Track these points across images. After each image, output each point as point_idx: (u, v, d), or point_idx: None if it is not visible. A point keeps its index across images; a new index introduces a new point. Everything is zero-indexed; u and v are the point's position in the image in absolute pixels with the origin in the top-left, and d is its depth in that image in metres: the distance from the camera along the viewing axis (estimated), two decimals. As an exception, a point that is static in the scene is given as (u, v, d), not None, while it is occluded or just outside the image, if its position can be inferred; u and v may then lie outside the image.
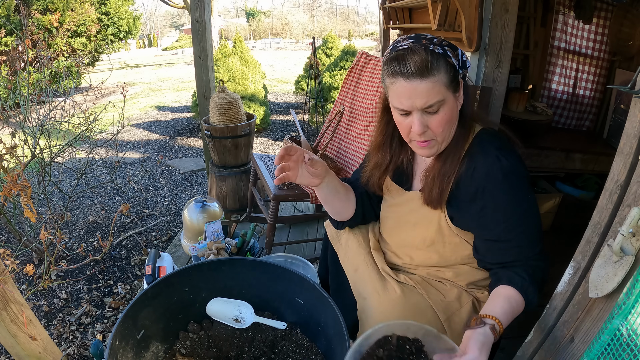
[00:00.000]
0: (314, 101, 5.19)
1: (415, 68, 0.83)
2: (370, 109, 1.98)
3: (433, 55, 0.84)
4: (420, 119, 0.87)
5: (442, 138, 0.91)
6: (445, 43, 0.88)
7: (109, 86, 7.42)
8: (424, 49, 0.84)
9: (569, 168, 1.99)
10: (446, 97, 0.86)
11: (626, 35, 2.03)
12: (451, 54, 0.86)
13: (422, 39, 0.87)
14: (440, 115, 0.87)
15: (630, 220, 0.68)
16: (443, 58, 0.85)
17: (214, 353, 1.04)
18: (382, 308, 1.00)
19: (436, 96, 0.84)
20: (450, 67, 0.86)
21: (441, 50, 0.85)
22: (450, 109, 0.88)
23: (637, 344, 0.62)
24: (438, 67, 0.84)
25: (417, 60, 0.82)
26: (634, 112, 0.76)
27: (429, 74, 0.83)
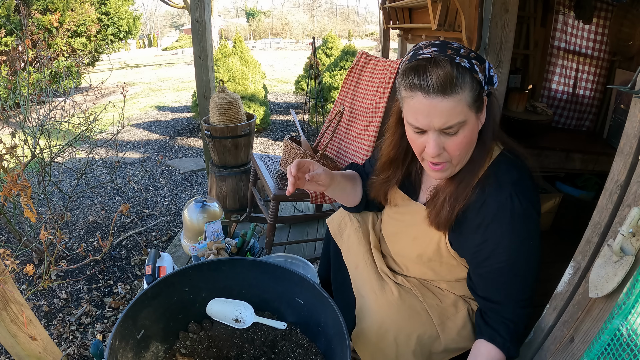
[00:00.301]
0: (314, 101, 5.19)
1: (437, 83, 0.73)
2: (370, 109, 1.98)
3: (459, 70, 0.74)
4: (436, 139, 0.78)
5: (457, 161, 0.83)
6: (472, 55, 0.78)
7: (109, 86, 7.42)
8: (450, 61, 0.74)
9: (569, 168, 1.99)
10: (468, 117, 0.77)
11: (626, 35, 2.03)
12: (478, 69, 0.76)
13: (447, 48, 0.76)
14: (459, 138, 0.78)
15: (630, 220, 0.68)
16: (469, 73, 0.75)
17: (214, 353, 1.04)
18: (379, 309, 1.00)
19: (457, 117, 0.75)
20: (476, 84, 0.76)
21: (468, 64, 0.75)
22: (470, 130, 0.79)
23: (637, 344, 0.62)
24: (463, 83, 0.74)
25: (441, 75, 0.73)
26: (634, 112, 0.76)
27: (452, 92, 0.73)
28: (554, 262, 1.10)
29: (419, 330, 0.96)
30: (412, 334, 0.95)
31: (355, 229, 1.19)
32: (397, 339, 0.96)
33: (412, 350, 0.95)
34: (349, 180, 1.12)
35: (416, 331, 0.96)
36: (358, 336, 1.03)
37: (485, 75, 0.79)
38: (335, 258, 1.25)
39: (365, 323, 1.02)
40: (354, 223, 1.20)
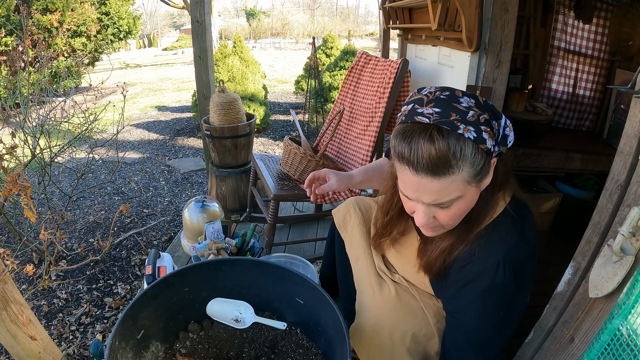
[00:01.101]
0: (314, 101, 5.19)
1: (428, 163, 0.64)
2: (370, 109, 1.98)
3: (457, 144, 0.64)
4: (425, 210, 0.73)
5: (450, 227, 0.78)
6: (483, 118, 0.66)
7: (109, 86, 7.42)
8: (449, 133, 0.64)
9: (569, 168, 1.99)
10: (465, 192, 0.69)
11: (626, 35, 2.03)
12: (487, 135, 0.66)
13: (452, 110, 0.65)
14: (452, 210, 0.72)
15: (630, 220, 0.68)
16: (473, 145, 0.65)
17: (214, 353, 1.04)
18: (375, 305, 1.01)
19: (450, 195, 0.68)
20: (481, 155, 0.66)
21: (474, 135, 0.64)
22: (467, 202, 0.72)
23: (637, 344, 0.62)
24: (462, 162, 0.65)
25: (433, 154, 0.63)
26: (634, 112, 0.76)
27: (442, 173, 0.65)
28: (554, 262, 1.10)
29: (414, 329, 0.96)
30: (407, 332, 0.96)
31: (359, 222, 1.19)
32: (392, 336, 0.96)
33: (407, 347, 0.96)
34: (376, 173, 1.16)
35: (411, 329, 0.96)
36: (355, 331, 1.04)
37: (497, 138, 0.70)
38: (340, 248, 1.27)
39: (363, 318, 1.03)
40: (359, 215, 1.21)
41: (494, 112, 0.71)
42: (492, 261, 0.76)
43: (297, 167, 1.90)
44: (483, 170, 0.69)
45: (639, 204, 0.72)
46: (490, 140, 0.67)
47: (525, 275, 0.79)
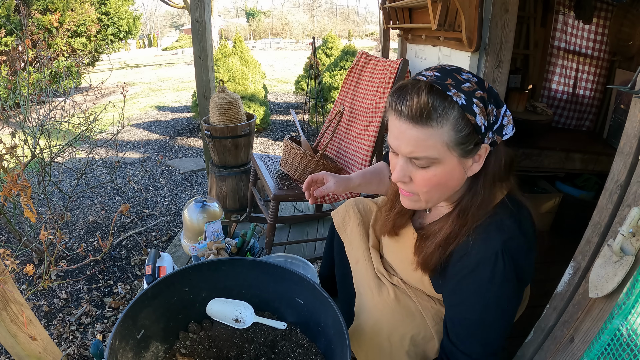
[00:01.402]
0: (314, 101, 5.19)
1: (408, 110, 0.67)
2: (370, 109, 1.98)
3: (442, 102, 0.67)
4: (403, 165, 0.74)
5: (426, 198, 0.77)
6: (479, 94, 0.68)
7: (109, 86, 7.43)
8: (436, 90, 0.67)
9: (569, 168, 1.99)
10: (443, 157, 0.70)
11: (626, 35, 2.03)
12: (478, 110, 0.68)
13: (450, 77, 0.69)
14: (428, 173, 0.72)
15: (630, 220, 0.68)
16: (459, 111, 0.67)
17: (214, 353, 1.04)
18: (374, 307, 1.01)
19: (426, 151, 0.69)
20: (466, 125, 0.68)
21: (463, 102, 0.67)
22: (446, 172, 0.72)
23: (637, 344, 0.62)
24: (442, 119, 0.67)
25: (414, 102, 0.67)
26: (634, 112, 0.76)
27: (422, 123, 0.67)
28: (554, 262, 1.10)
29: (413, 331, 0.96)
30: (406, 334, 0.96)
31: (358, 224, 1.20)
32: (391, 338, 0.96)
33: (406, 350, 0.95)
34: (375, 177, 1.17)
35: (410, 332, 0.96)
36: (354, 332, 1.04)
37: (490, 120, 0.70)
38: (340, 249, 1.27)
39: (362, 320, 1.03)
40: (358, 217, 1.21)
41: (496, 98, 0.72)
42: (490, 252, 0.75)
43: (297, 167, 1.90)
44: (468, 142, 0.69)
45: (639, 204, 0.72)
46: (481, 118, 0.68)
47: (523, 268, 0.77)
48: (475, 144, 0.71)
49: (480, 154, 0.73)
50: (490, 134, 0.71)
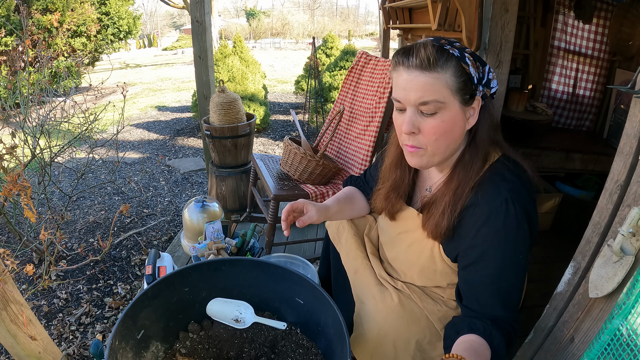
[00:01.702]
0: (314, 101, 5.19)
1: (417, 59, 0.77)
2: (370, 109, 1.98)
3: (443, 53, 0.77)
4: (411, 116, 0.80)
5: (433, 149, 0.82)
6: (468, 51, 0.81)
7: (109, 86, 7.42)
8: (436, 45, 0.78)
9: (569, 168, 1.99)
10: (448, 101, 0.78)
11: (626, 35, 2.03)
12: (470, 62, 0.79)
13: (442, 39, 0.81)
14: (435, 120, 0.79)
15: (630, 220, 0.68)
16: (456, 60, 0.78)
17: (214, 353, 1.04)
18: (378, 314, 1.00)
19: (434, 94, 0.77)
20: (463, 73, 0.78)
21: (457, 53, 0.78)
22: (450, 118, 0.79)
23: (637, 344, 0.62)
24: (445, 65, 0.77)
25: (422, 53, 0.77)
26: (634, 112, 0.76)
27: (430, 69, 0.77)
28: (554, 262, 1.10)
29: (418, 336, 0.95)
30: (411, 339, 0.95)
31: (353, 233, 1.19)
32: (396, 344, 0.96)
33: (411, 355, 0.95)
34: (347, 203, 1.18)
35: (415, 336, 0.95)
36: (356, 341, 1.03)
37: (479, 74, 0.81)
38: (336, 261, 1.25)
39: (364, 328, 1.01)
40: (352, 227, 1.20)
41: (480, 59, 0.83)
42: (499, 200, 0.79)
43: (297, 167, 1.90)
44: (465, 89, 0.79)
45: (639, 204, 0.72)
46: (473, 69, 0.79)
47: (532, 217, 0.80)
48: (471, 95, 0.80)
49: (475, 107, 0.82)
50: (480, 87, 0.82)
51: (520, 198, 0.79)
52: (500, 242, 0.80)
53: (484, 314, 0.83)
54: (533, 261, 1.10)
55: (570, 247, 0.95)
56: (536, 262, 1.77)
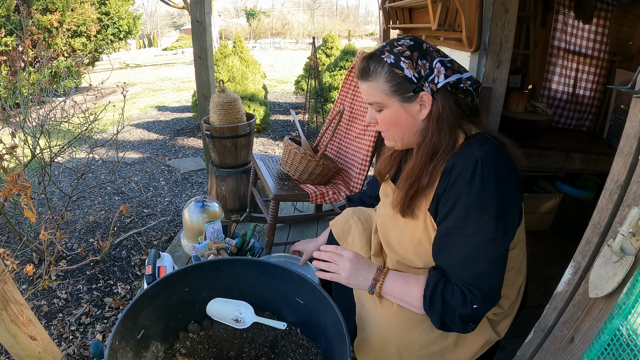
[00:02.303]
0: (314, 101, 5.19)
1: (357, 71, 0.95)
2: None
3: (375, 63, 0.91)
4: (370, 111, 0.99)
5: (390, 135, 0.98)
6: (407, 54, 0.89)
7: (109, 86, 7.43)
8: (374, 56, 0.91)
9: (569, 168, 1.99)
10: (386, 101, 0.92)
11: (626, 35, 2.03)
12: (406, 65, 0.88)
13: (388, 45, 0.92)
14: (382, 115, 0.95)
15: (630, 220, 0.68)
16: (388, 67, 0.89)
17: (214, 353, 1.04)
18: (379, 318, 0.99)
19: (372, 97, 0.93)
20: (395, 77, 0.89)
21: (392, 60, 0.89)
22: (392, 114, 0.93)
23: (637, 344, 0.62)
24: (375, 73, 0.91)
25: (358, 66, 0.94)
26: (634, 112, 0.76)
27: (363, 78, 0.94)
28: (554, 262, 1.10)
29: (422, 338, 0.95)
30: (415, 341, 0.95)
31: (359, 232, 1.19)
32: (399, 348, 0.96)
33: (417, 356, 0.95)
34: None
35: (418, 339, 0.95)
36: (360, 345, 1.02)
37: (422, 72, 0.89)
38: None
39: (367, 332, 1.01)
40: (358, 226, 1.20)
41: (431, 56, 0.90)
42: (471, 160, 0.84)
43: (297, 167, 1.90)
44: (402, 90, 0.89)
45: (639, 204, 0.72)
46: (410, 71, 0.88)
47: (504, 181, 0.84)
48: (414, 92, 0.89)
49: (424, 100, 0.90)
50: (426, 83, 0.89)
51: (491, 160, 0.83)
52: (464, 198, 0.84)
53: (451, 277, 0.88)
54: (533, 261, 1.09)
55: (570, 247, 0.94)
56: (536, 262, 1.77)
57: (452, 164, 0.87)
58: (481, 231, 0.83)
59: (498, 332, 1.04)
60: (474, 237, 0.84)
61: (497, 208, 0.83)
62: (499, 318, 1.05)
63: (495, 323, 1.05)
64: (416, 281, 0.92)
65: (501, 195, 0.84)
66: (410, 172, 0.94)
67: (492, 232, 0.83)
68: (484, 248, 0.84)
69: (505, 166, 0.86)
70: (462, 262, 0.86)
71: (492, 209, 0.83)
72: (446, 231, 0.88)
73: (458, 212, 0.85)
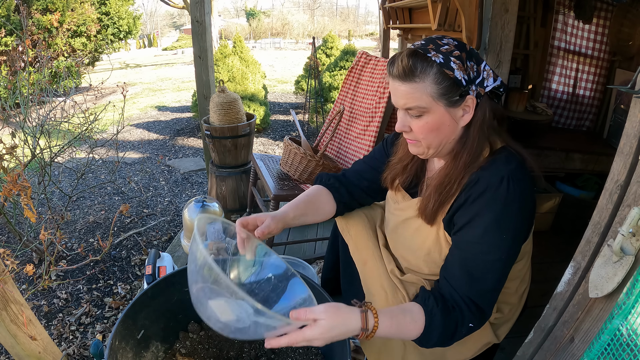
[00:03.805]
0: (314, 101, 5.19)
1: (396, 71, 0.84)
2: (370, 109, 1.98)
3: (423, 62, 0.81)
4: (402, 117, 0.89)
5: (427, 143, 0.88)
6: (457, 53, 0.82)
7: (109, 86, 7.42)
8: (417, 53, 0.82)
9: (569, 168, 1.99)
10: (430, 106, 0.83)
11: (626, 35, 2.03)
12: (456, 66, 0.81)
13: (432, 43, 0.83)
14: (421, 121, 0.85)
15: (630, 220, 0.68)
16: (437, 67, 0.81)
17: (214, 353, 1.04)
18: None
19: (415, 101, 0.83)
20: (445, 78, 0.81)
21: (441, 59, 0.81)
22: (435, 120, 0.84)
23: (637, 344, 0.62)
24: (423, 74, 0.81)
25: (400, 65, 0.83)
26: (634, 112, 0.76)
27: (407, 79, 0.83)
28: (554, 262, 1.10)
29: None
30: None
31: (364, 225, 1.17)
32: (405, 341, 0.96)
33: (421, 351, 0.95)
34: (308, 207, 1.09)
35: None
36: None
37: (471, 74, 0.83)
38: (345, 254, 1.23)
39: None
40: (362, 218, 1.18)
41: (477, 58, 0.85)
42: (497, 177, 0.82)
43: (297, 167, 1.90)
44: (450, 93, 0.82)
45: (639, 204, 0.72)
46: (460, 72, 0.81)
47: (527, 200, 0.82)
48: (461, 95, 0.83)
49: (469, 105, 0.84)
50: (473, 87, 0.84)
51: (517, 180, 0.82)
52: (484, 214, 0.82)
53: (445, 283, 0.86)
54: (533, 261, 1.09)
55: (570, 247, 0.94)
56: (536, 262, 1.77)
57: (476, 179, 0.85)
58: (496, 250, 0.82)
59: (498, 336, 1.04)
60: (488, 254, 0.82)
61: (515, 229, 0.83)
62: (499, 322, 1.05)
63: (496, 327, 1.05)
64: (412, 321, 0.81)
65: (521, 217, 0.83)
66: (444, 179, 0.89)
67: (506, 251, 0.83)
68: (495, 266, 0.83)
69: (529, 187, 0.84)
70: (471, 277, 0.83)
71: (510, 230, 0.82)
72: (460, 244, 0.86)
73: (476, 228, 0.83)
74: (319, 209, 1.11)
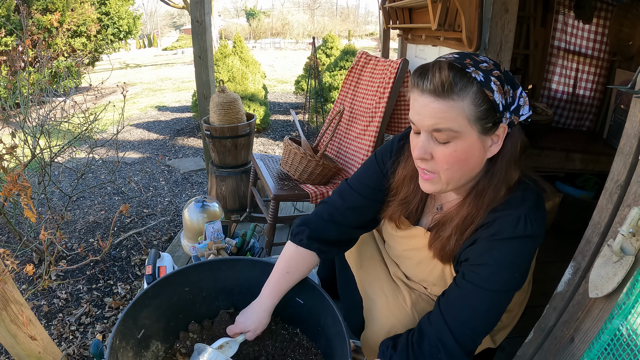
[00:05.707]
0: (314, 101, 5.19)
1: (431, 84, 0.70)
2: (370, 109, 1.98)
3: (462, 78, 0.69)
4: (424, 142, 0.75)
5: (446, 178, 0.77)
6: (496, 73, 0.72)
7: (109, 86, 7.42)
8: (455, 68, 0.70)
9: (569, 168, 1.99)
10: (464, 130, 0.71)
11: (626, 35, 2.03)
12: (496, 88, 0.70)
13: (468, 58, 0.73)
14: (449, 149, 0.73)
15: (630, 220, 0.68)
16: (478, 86, 0.69)
17: (214, 353, 1.04)
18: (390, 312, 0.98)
19: (448, 123, 0.70)
20: (484, 100, 0.70)
21: (481, 78, 0.70)
22: (465, 148, 0.72)
23: (637, 344, 0.62)
24: (463, 92, 0.69)
25: (437, 77, 0.69)
26: (634, 112, 0.76)
27: (444, 95, 0.69)
28: (554, 262, 1.10)
29: None
30: None
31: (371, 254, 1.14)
32: None
33: None
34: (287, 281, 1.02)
35: None
36: (367, 339, 1.01)
37: (507, 99, 0.73)
38: (340, 257, 1.23)
39: (375, 326, 1.00)
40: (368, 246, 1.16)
41: (512, 81, 0.75)
42: (513, 217, 0.76)
43: (297, 167, 1.90)
44: (487, 118, 0.71)
45: (639, 204, 0.72)
46: (499, 95, 0.71)
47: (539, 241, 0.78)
48: (494, 123, 0.73)
49: (499, 135, 0.75)
50: (507, 114, 0.73)
51: (534, 220, 0.76)
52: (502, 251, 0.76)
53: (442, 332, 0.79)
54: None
55: (570, 247, 0.95)
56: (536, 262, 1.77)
57: (492, 220, 0.78)
58: (505, 286, 0.78)
59: (495, 341, 1.05)
60: (497, 290, 0.78)
61: (527, 265, 0.79)
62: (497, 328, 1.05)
63: (494, 333, 1.05)
64: None
65: (532, 253, 0.79)
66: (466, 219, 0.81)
67: (513, 286, 0.79)
68: (500, 301, 0.79)
69: (543, 223, 0.78)
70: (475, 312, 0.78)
71: (522, 266, 0.78)
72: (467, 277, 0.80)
73: (487, 265, 0.77)
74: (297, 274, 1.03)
